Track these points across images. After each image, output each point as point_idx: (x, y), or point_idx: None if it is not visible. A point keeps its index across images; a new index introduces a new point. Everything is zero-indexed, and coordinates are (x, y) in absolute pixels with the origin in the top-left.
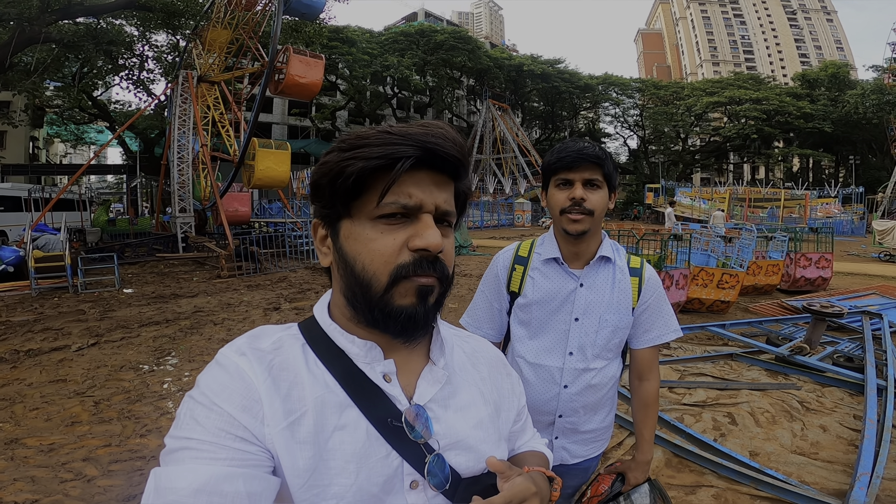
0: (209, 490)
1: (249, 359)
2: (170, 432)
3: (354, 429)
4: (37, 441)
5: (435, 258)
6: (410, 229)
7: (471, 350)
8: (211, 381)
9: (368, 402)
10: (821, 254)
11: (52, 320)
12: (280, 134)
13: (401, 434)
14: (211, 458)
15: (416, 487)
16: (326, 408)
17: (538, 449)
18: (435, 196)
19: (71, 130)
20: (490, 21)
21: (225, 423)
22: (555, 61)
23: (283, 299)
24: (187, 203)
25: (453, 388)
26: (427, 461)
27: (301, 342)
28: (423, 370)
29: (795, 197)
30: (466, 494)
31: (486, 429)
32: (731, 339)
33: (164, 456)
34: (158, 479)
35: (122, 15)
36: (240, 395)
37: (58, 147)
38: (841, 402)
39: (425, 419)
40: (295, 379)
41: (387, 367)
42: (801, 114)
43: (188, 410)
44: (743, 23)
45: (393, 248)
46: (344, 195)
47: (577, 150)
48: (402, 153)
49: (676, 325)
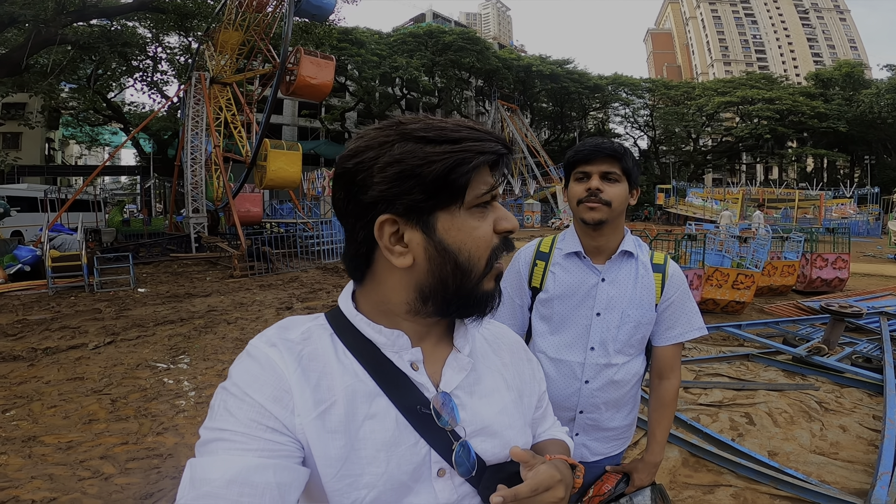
0: (241, 481)
1: (280, 349)
2: (205, 423)
3: (384, 417)
4: (55, 439)
5: (511, 239)
6: (492, 214)
7: (491, 336)
8: (243, 372)
9: (397, 390)
10: (837, 254)
11: (68, 319)
12: (290, 135)
13: (429, 422)
14: (243, 450)
15: (444, 475)
16: (357, 397)
17: (559, 437)
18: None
19: (86, 132)
20: (498, 22)
21: (257, 413)
22: (564, 62)
23: (295, 299)
24: (200, 203)
25: (477, 374)
26: (454, 448)
27: (329, 332)
28: (447, 358)
29: (810, 197)
30: (491, 482)
31: (511, 414)
32: (748, 339)
33: (199, 447)
34: (194, 471)
35: (136, 17)
36: (271, 386)
37: (73, 148)
38: (860, 403)
39: (452, 406)
40: (324, 369)
41: (414, 355)
42: (815, 113)
43: (222, 402)
44: (754, 22)
45: (490, 233)
46: (460, 187)
47: (595, 144)
48: (502, 151)
49: (701, 322)
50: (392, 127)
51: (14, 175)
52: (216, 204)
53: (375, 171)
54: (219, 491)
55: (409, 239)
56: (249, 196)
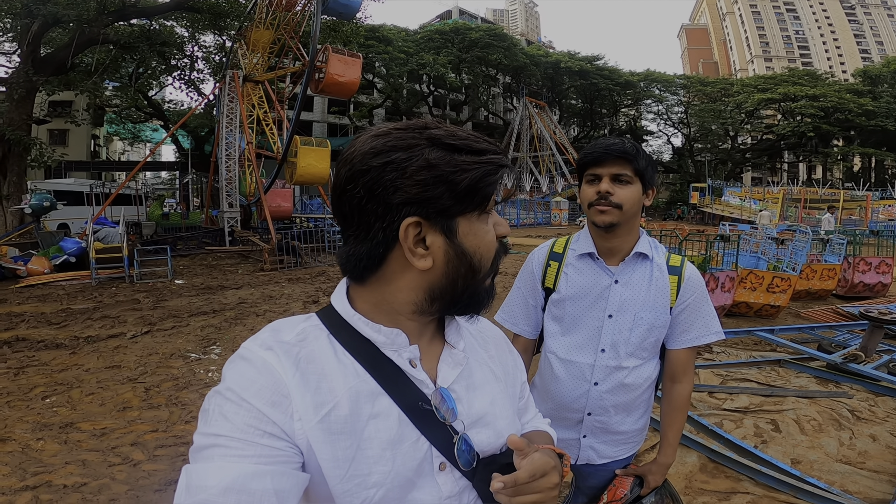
0: (238, 488)
1: (277, 353)
2: (199, 429)
3: (388, 416)
4: (90, 425)
5: None
6: (492, 220)
7: (476, 331)
8: (238, 376)
9: (397, 388)
10: (881, 258)
11: (109, 308)
12: (320, 132)
13: (429, 417)
14: (239, 456)
15: (445, 469)
16: (360, 397)
17: (542, 428)
18: None
19: (128, 129)
20: (525, 18)
21: (254, 419)
22: (593, 58)
23: (321, 293)
24: (234, 198)
25: (469, 368)
26: (455, 442)
27: (325, 332)
28: (441, 353)
29: (856, 198)
30: (484, 473)
31: (502, 405)
32: (780, 344)
33: (194, 453)
34: (190, 477)
35: (173, 17)
36: (269, 391)
37: (116, 145)
38: (894, 412)
39: (450, 401)
40: (323, 370)
41: (412, 352)
42: (863, 111)
43: (217, 406)
44: (796, 18)
45: (494, 237)
46: (486, 196)
47: (605, 146)
48: (507, 163)
49: (718, 326)
50: (418, 130)
51: (61, 170)
52: (248, 199)
53: (408, 173)
54: (215, 499)
55: (430, 242)
56: (280, 191)
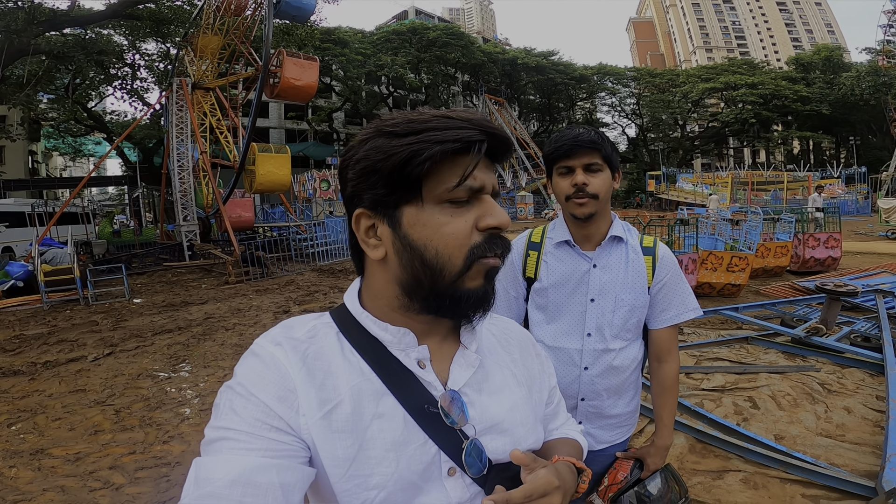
0: (244, 481)
1: (285, 348)
2: (210, 422)
3: (392, 417)
4: (62, 451)
5: (503, 236)
6: (476, 210)
7: (499, 332)
8: (248, 371)
9: (404, 389)
10: (829, 234)
11: (66, 332)
12: (277, 138)
13: (437, 420)
14: (246, 449)
15: (454, 474)
16: (364, 396)
17: (572, 436)
18: (490, 177)
19: (68, 143)
20: (481, 16)
21: (261, 413)
22: (548, 53)
23: (292, 302)
24: (191, 211)
25: (485, 371)
26: (464, 447)
27: (335, 330)
28: (454, 355)
29: (798, 179)
30: (498, 480)
31: (522, 411)
32: (746, 322)
33: (204, 446)
34: (198, 470)
35: (110, 25)
36: (275, 385)
37: (56, 160)
38: (862, 383)
39: (461, 404)
40: (330, 368)
41: (421, 353)
42: (798, 97)
43: (227, 401)
44: (733, 8)
45: (465, 230)
46: (416, 180)
47: (573, 137)
48: (475, 137)
49: (695, 303)
50: (374, 122)
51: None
52: (207, 211)
53: (350, 166)
54: (222, 491)
55: (381, 233)
56: (240, 201)
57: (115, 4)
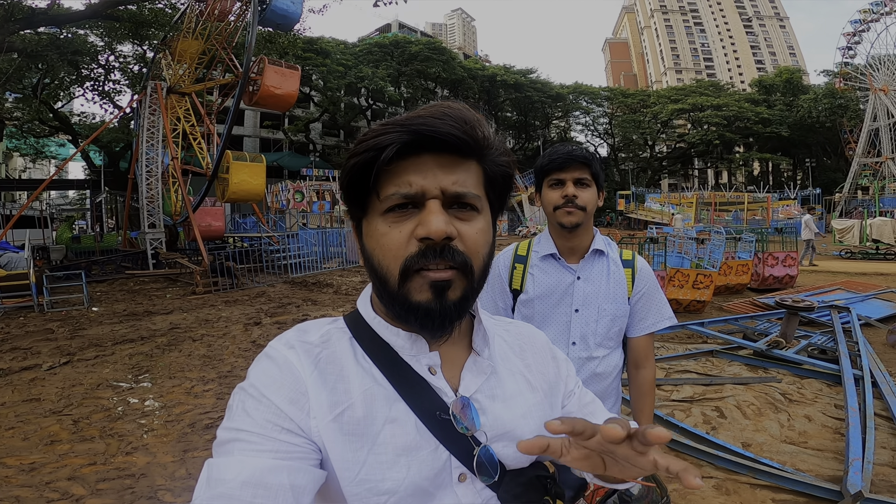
0: (255, 482)
1: (298, 352)
2: (222, 423)
3: (404, 422)
4: (16, 460)
5: (444, 246)
6: (417, 218)
7: (513, 338)
8: (261, 373)
9: (415, 394)
10: (786, 253)
11: (19, 339)
12: (252, 147)
13: (448, 427)
14: (258, 450)
15: (465, 480)
16: (376, 400)
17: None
18: (440, 179)
19: (30, 144)
20: (463, 32)
21: (273, 414)
22: (527, 71)
23: (263, 314)
24: (157, 218)
25: (498, 378)
26: (475, 453)
27: (348, 336)
28: (466, 361)
29: (758, 200)
30: (512, 486)
31: (535, 418)
32: (711, 336)
33: (216, 447)
34: (210, 470)
35: (87, 25)
36: (288, 388)
37: (16, 161)
38: (820, 393)
39: (472, 411)
40: (341, 372)
41: (432, 359)
42: (759, 119)
43: (240, 402)
44: (703, 31)
45: (400, 240)
46: (353, 194)
47: (567, 152)
48: (386, 142)
49: (670, 312)
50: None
51: None
52: (175, 218)
53: None
54: (233, 492)
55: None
56: (210, 210)
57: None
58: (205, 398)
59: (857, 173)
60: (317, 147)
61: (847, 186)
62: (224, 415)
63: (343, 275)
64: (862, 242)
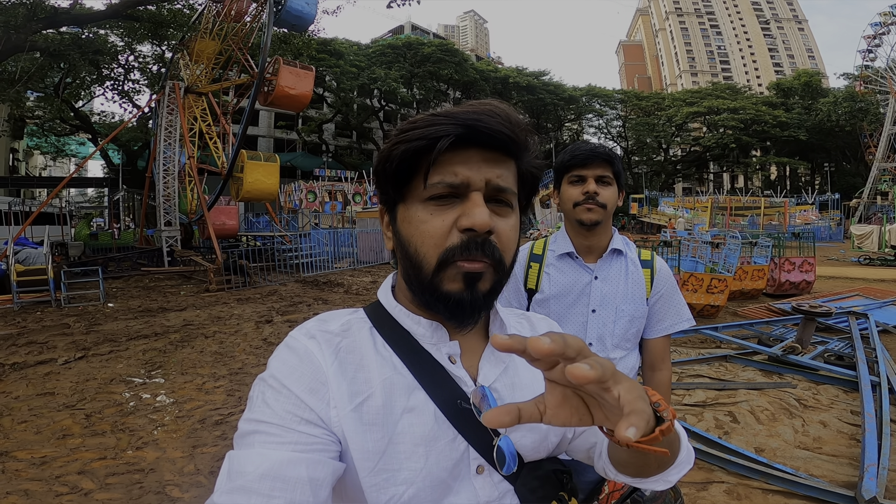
0: (273, 475)
1: (318, 341)
2: (244, 415)
3: (423, 411)
4: (28, 454)
5: (484, 240)
6: (460, 209)
7: (529, 327)
8: (281, 363)
9: (435, 383)
10: (804, 258)
11: (35, 334)
12: (266, 147)
13: (468, 416)
14: (278, 443)
15: (483, 472)
16: (395, 389)
17: None
18: (485, 172)
19: (51, 142)
20: (475, 34)
21: (293, 405)
22: (540, 73)
23: (274, 312)
24: (173, 216)
25: (515, 367)
26: (495, 444)
27: (368, 325)
28: (483, 351)
29: (774, 204)
30: (528, 479)
31: None
32: (725, 341)
33: (237, 439)
34: (231, 463)
35: (108, 25)
36: (308, 378)
37: (37, 159)
38: (836, 399)
39: (491, 401)
40: (361, 361)
41: (452, 348)
42: (777, 122)
43: (260, 393)
44: (719, 33)
45: (442, 229)
46: (394, 179)
47: (590, 149)
48: (442, 132)
49: (689, 314)
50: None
51: None
52: (190, 217)
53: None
54: (252, 485)
55: (390, 227)
56: (225, 209)
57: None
58: (215, 394)
59: (877, 178)
60: (329, 148)
61: (866, 192)
62: (233, 410)
63: (354, 275)
64: (881, 248)
